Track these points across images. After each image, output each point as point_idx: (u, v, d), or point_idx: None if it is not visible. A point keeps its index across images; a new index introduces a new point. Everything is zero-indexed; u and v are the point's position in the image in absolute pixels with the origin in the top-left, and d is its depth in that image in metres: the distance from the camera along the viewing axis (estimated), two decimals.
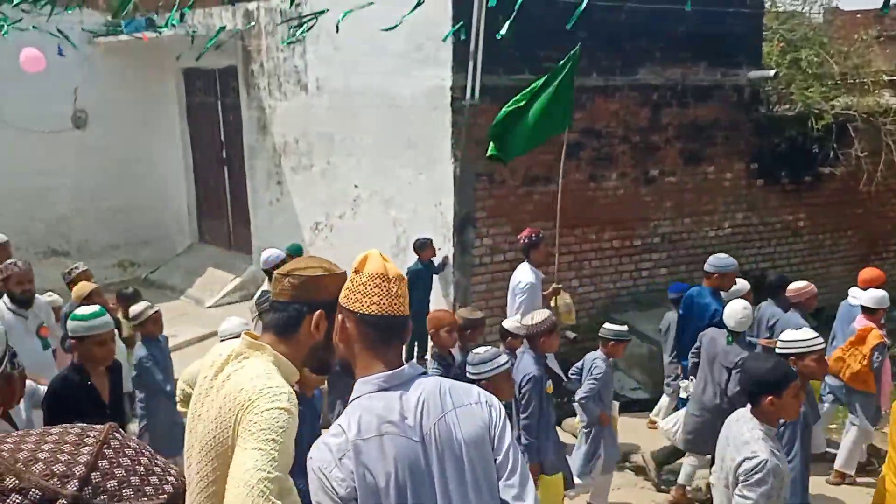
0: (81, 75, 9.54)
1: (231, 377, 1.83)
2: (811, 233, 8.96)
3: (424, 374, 1.86)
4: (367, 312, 1.75)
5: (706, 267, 5.50)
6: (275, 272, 2.00)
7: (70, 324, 3.61)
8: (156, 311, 5.06)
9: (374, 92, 7.29)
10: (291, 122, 8.52)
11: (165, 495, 0.85)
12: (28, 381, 3.18)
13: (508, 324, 5.01)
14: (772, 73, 8.20)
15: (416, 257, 6.80)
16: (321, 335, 1.91)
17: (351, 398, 1.79)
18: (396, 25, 5.17)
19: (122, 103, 10.03)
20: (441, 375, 4.13)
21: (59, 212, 9.89)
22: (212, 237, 10.70)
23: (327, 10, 5.00)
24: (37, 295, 4.93)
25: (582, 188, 7.44)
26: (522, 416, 4.14)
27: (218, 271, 9.94)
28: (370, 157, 7.59)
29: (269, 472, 1.61)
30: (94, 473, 0.81)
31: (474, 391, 1.84)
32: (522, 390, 4.17)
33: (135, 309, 5.09)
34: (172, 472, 0.89)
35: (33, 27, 7.46)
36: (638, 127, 7.68)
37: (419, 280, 6.51)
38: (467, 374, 3.55)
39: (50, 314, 5.06)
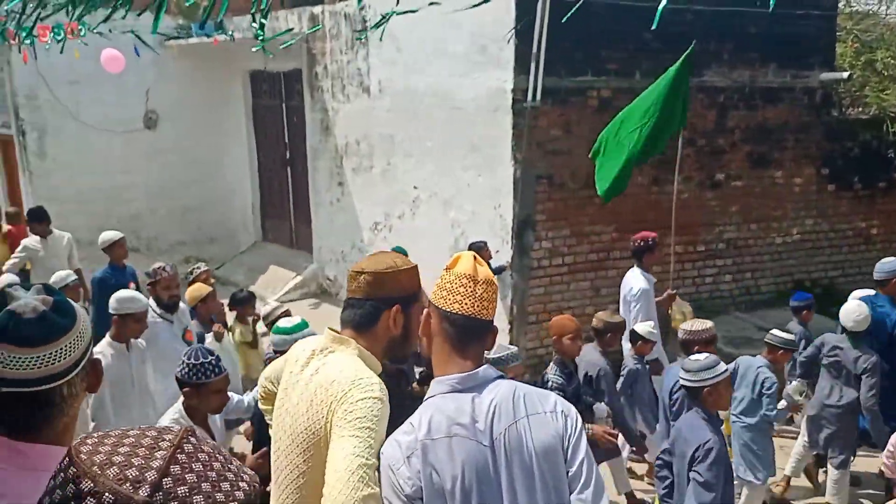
0: (153, 77, 9.91)
1: (319, 371, 1.89)
2: (884, 240, 8.58)
3: (502, 377, 1.82)
4: (449, 310, 1.77)
5: (878, 275, 5.32)
6: (350, 270, 2.04)
7: (274, 338, 3.81)
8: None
9: (436, 94, 7.34)
10: (353, 123, 8.65)
11: (236, 502, 0.84)
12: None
13: (642, 328, 5.02)
14: (845, 74, 7.90)
15: None
16: (398, 329, 1.95)
17: (426, 396, 1.80)
18: (465, 28, 5.19)
19: (191, 105, 10.38)
20: (563, 384, 4.16)
21: (133, 209, 10.29)
22: (274, 236, 10.96)
23: (394, 12, 5.05)
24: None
25: (644, 192, 7.32)
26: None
27: (280, 269, 10.18)
28: (430, 159, 7.64)
29: (367, 459, 1.66)
30: (165, 479, 0.81)
31: (551, 399, 1.79)
32: (674, 396, 4.21)
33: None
34: (245, 477, 0.88)
35: (110, 30, 7.78)
36: (704, 129, 7.51)
37: None
38: (680, 381, 3.51)
39: (188, 317, 5.18)
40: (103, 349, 4.04)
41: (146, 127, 10.20)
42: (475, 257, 1.85)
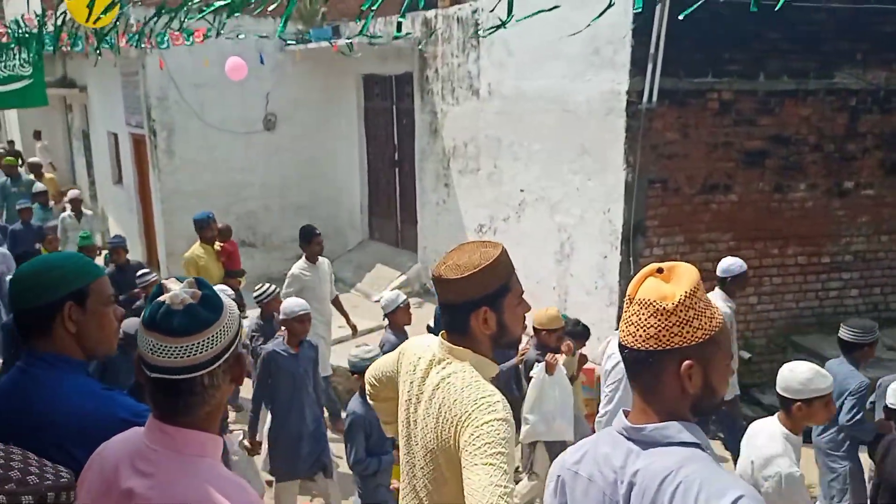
0: (273, 81, 10.35)
1: (440, 386, 1.86)
2: None
3: (696, 446, 1.42)
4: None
5: None
6: (433, 275, 1.95)
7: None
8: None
9: (547, 96, 7.27)
10: (461, 126, 8.72)
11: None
12: None
13: None
14: None
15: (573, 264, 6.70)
16: (492, 328, 1.87)
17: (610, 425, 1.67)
18: (582, 31, 5.12)
19: (306, 107, 10.79)
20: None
21: (250, 206, 10.80)
22: (381, 235, 11.21)
23: (511, 16, 5.03)
24: None
25: (765, 199, 6.96)
26: None
27: (385, 268, 10.39)
28: (538, 162, 7.58)
29: (505, 486, 1.62)
30: None
31: (728, 496, 1.31)
32: None
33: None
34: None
35: (238, 35, 8.22)
36: (832, 134, 7.06)
37: None
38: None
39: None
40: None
41: (265, 128, 10.68)
42: (655, 273, 1.51)
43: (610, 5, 3.70)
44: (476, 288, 1.84)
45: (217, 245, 7.37)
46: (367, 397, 2.36)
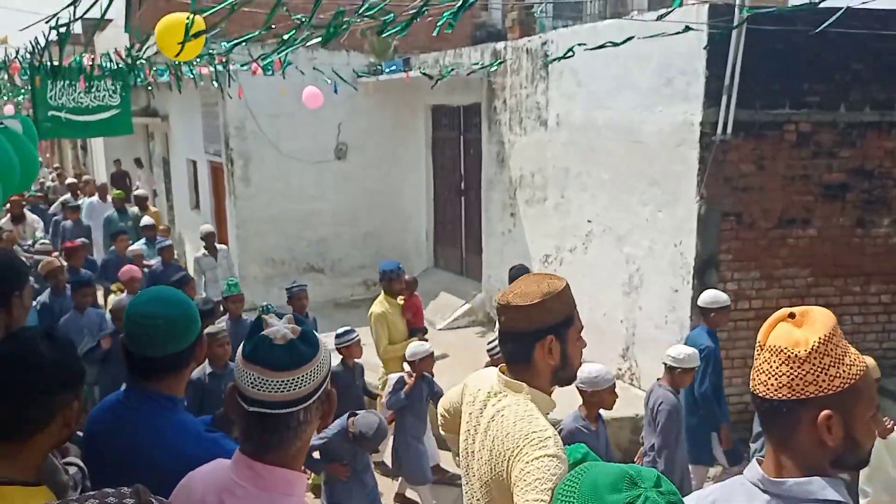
0: (345, 112, 10.64)
1: (494, 419, 1.85)
2: None
3: None
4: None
5: None
6: (497, 303, 1.95)
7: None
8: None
9: (617, 127, 7.23)
10: (529, 156, 8.74)
11: None
12: None
13: None
14: None
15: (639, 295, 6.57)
16: (556, 359, 1.86)
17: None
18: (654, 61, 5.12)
19: (376, 137, 11.04)
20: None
21: (320, 233, 11.06)
22: (445, 263, 11.28)
23: (583, 44, 5.08)
24: None
25: (846, 234, 6.70)
26: None
27: (449, 296, 10.44)
28: (606, 193, 7.52)
29: None
30: None
31: None
32: None
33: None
34: None
35: (314, 68, 8.53)
36: None
37: None
38: None
39: None
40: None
41: (336, 157, 10.96)
42: (787, 318, 1.45)
43: (686, 30, 3.68)
44: (544, 315, 1.84)
45: (400, 299, 6.50)
46: (440, 428, 2.37)
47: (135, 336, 1.79)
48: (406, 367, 5.58)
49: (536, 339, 1.84)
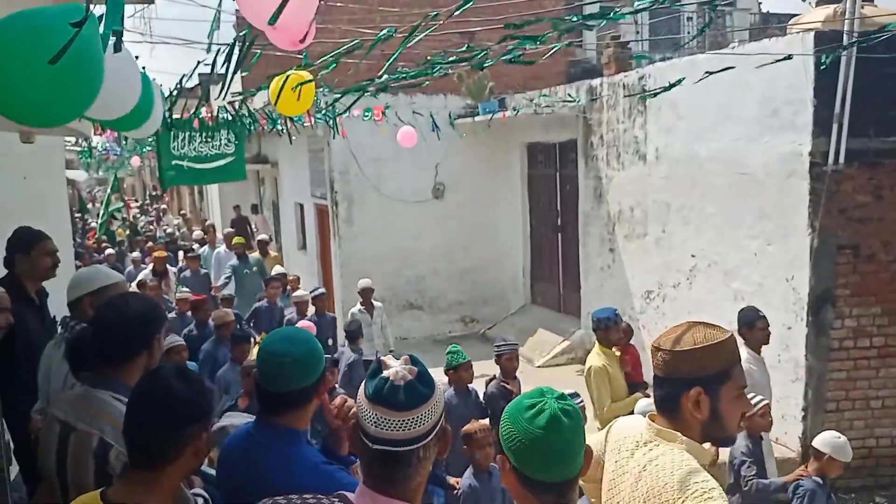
0: (442, 153, 10.92)
1: (647, 469, 1.78)
2: None
3: None
4: None
5: None
6: (651, 343, 1.90)
7: None
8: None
9: (720, 159, 7.07)
10: (627, 190, 8.65)
11: None
12: None
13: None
14: None
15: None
16: (704, 414, 1.76)
17: None
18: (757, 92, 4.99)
19: (473, 175, 11.25)
20: None
21: (419, 271, 11.31)
22: (543, 299, 11.23)
23: (682, 78, 5.04)
24: None
25: None
26: None
27: (547, 333, 10.37)
28: (711, 226, 7.32)
29: None
30: None
31: None
32: None
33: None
34: None
35: (413, 112, 8.85)
36: None
37: None
38: None
39: None
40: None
41: (434, 197, 11.24)
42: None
43: (787, 58, 3.60)
44: (694, 365, 1.76)
45: (615, 350, 5.56)
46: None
47: (265, 372, 1.92)
48: None
49: (684, 388, 1.77)
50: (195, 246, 12.15)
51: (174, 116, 7.86)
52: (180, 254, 12.44)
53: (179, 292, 8.15)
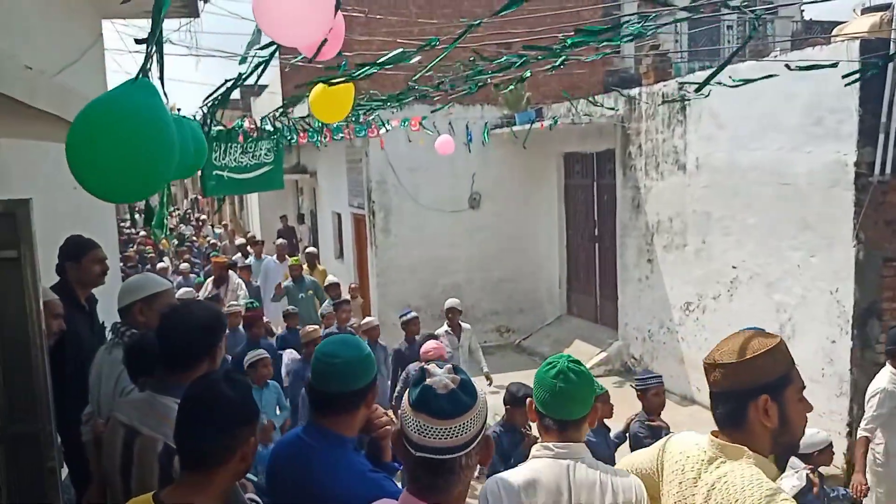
0: (478, 163, 10.96)
1: (716, 487, 1.76)
2: None
3: None
4: None
5: None
6: (705, 362, 1.86)
7: None
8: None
9: (762, 169, 6.96)
10: (666, 200, 8.56)
11: None
12: None
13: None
14: None
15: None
16: (774, 422, 1.75)
17: None
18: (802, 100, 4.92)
19: (509, 185, 11.25)
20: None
21: (454, 280, 11.33)
22: (579, 310, 11.15)
23: (717, 84, 4.99)
24: None
25: None
26: None
27: (584, 344, 10.28)
28: (752, 237, 7.20)
29: None
30: None
31: None
32: None
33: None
34: None
35: (449, 123, 8.91)
36: None
37: None
38: None
39: None
40: None
41: (470, 206, 11.27)
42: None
43: (833, 65, 3.53)
44: (757, 373, 1.75)
45: None
46: None
47: (317, 372, 1.98)
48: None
49: (749, 399, 1.76)
50: (237, 257, 11.79)
51: (218, 128, 8.05)
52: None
53: (231, 305, 7.60)
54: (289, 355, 6.56)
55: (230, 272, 9.18)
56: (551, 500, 1.98)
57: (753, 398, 1.76)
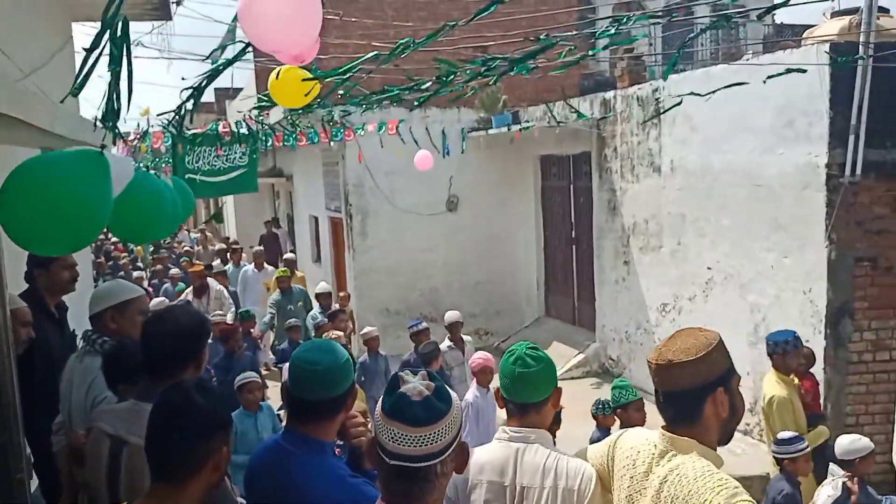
0: (456, 165, 10.95)
1: (668, 480, 1.81)
2: None
3: None
4: None
5: None
6: (653, 363, 1.88)
7: None
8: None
9: (735, 171, 7.04)
10: (642, 203, 8.63)
11: None
12: None
13: None
14: None
15: None
16: (726, 412, 1.84)
17: None
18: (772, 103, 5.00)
19: (486, 188, 11.27)
20: None
21: (432, 283, 11.32)
22: (557, 312, 11.20)
23: (689, 93, 5.05)
24: None
25: None
26: None
27: (562, 345, 10.32)
28: (726, 239, 7.29)
29: None
30: None
31: None
32: None
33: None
34: None
35: (426, 128, 8.90)
36: None
37: None
38: None
39: None
40: None
41: (447, 209, 11.27)
42: None
43: (802, 71, 3.59)
44: (713, 368, 1.82)
45: (793, 377, 4.98)
46: None
47: (296, 379, 1.95)
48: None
49: (708, 393, 1.81)
50: (216, 262, 11.54)
51: (193, 132, 7.95)
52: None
53: (215, 315, 7.38)
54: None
55: (209, 280, 8.90)
56: (496, 480, 2.09)
57: (711, 392, 1.82)
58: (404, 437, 1.44)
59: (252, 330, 7.79)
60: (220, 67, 3.40)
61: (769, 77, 3.85)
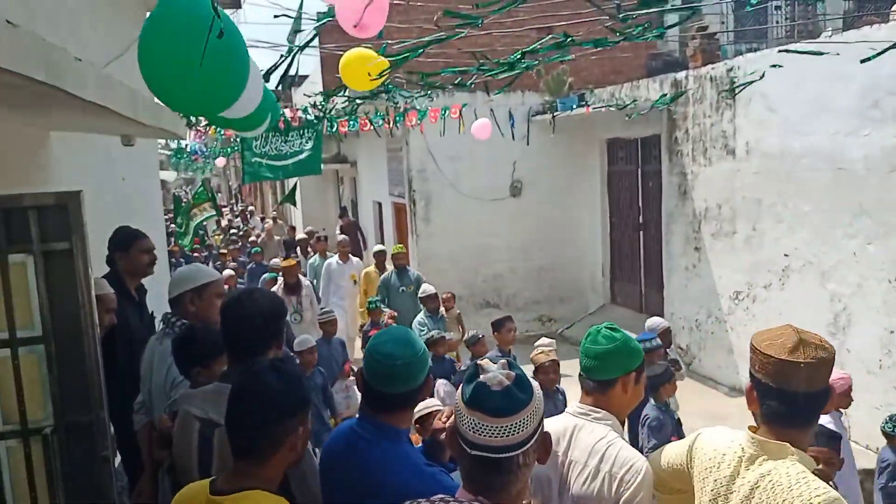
0: (520, 150, 10.83)
1: (759, 485, 1.73)
2: None
3: None
4: None
5: None
6: (801, 363, 1.71)
7: None
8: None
9: (816, 154, 6.72)
10: (714, 187, 8.34)
11: None
12: None
13: None
14: None
15: None
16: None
17: None
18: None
19: (550, 173, 11.10)
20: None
21: (496, 269, 11.26)
22: (623, 299, 10.98)
23: (775, 65, 4.80)
24: None
25: None
26: None
27: None
28: (806, 224, 6.97)
29: None
30: None
31: None
32: None
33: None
34: None
35: (491, 111, 8.81)
36: None
37: None
38: None
39: None
40: None
41: (511, 194, 11.17)
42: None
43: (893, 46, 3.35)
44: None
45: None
46: (653, 487, 2.16)
47: (374, 372, 1.94)
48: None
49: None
50: (295, 252, 10.92)
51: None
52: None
53: (325, 312, 6.81)
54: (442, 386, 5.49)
55: (301, 277, 8.08)
56: (553, 448, 2.06)
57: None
58: (485, 428, 1.41)
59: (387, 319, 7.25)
60: (295, 49, 3.44)
61: (864, 60, 3.60)
